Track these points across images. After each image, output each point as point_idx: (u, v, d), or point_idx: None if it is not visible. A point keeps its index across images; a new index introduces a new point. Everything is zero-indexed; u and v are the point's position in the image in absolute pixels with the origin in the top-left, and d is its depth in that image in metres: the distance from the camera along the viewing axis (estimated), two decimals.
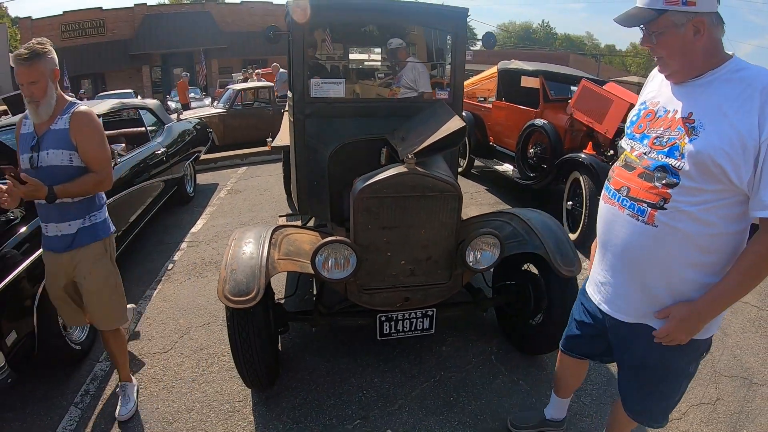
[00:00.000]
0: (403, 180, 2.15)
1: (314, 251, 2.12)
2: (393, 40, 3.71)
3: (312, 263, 2.14)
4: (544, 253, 2.42)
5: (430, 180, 2.18)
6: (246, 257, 2.17)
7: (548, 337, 2.64)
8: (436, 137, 2.23)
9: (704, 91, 1.28)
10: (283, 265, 2.22)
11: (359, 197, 2.16)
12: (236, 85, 10.29)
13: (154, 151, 4.73)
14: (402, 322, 2.47)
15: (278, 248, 2.29)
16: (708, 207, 1.26)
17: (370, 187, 2.14)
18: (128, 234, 3.96)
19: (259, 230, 2.39)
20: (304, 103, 2.95)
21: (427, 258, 2.37)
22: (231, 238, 2.36)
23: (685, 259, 1.33)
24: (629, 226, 1.39)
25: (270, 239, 2.28)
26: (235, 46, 23.33)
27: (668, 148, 1.30)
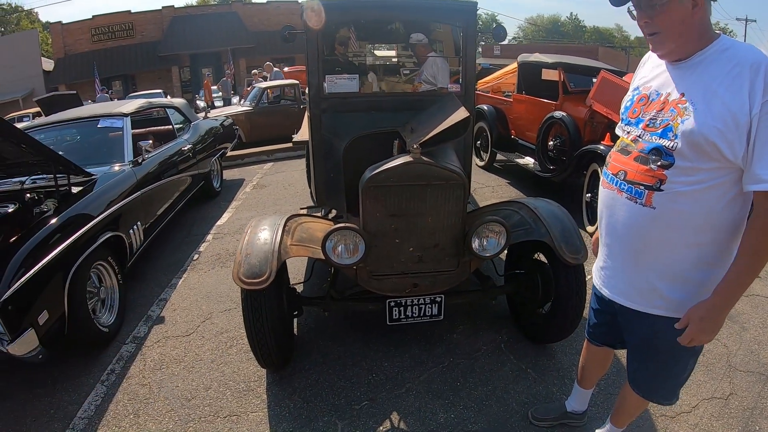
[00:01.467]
0: (409, 169, 2.26)
1: (324, 237, 2.26)
2: (414, 35, 3.83)
3: (322, 248, 2.28)
4: (549, 240, 2.48)
5: (435, 169, 2.28)
6: (260, 243, 2.33)
7: (557, 326, 2.72)
8: (441, 128, 2.33)
9: (694, 72, 1.31)
10: (295, 250, 2.37)
11: (367, 186, 2.29)
12: (262, 84, 10.58)
13: (181, 147, 5.00)
14: (411, 307, 2.58)
15: (291, 235, 2.44)
16: (704, 187, 1.29)
17: (376, 176, 2.27)
18: (156, 225, 4.21)
19: (274, 218, 2.55)
20: (319, 99, 3.10)
21: (435, 245, 2.47)
22: (247, 226, 2.53)
23: (683, 240, 1.36)
24: (628, 209, 1.43)
25: (284, 226, 2.44)
26: (262, 46, 23.80)
27: (661, 129, 1.34)
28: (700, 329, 1.35)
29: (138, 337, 3.18)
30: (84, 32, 23.54)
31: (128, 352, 3.01)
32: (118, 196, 3.58)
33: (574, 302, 2.61)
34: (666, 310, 1.46)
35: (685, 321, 1.38)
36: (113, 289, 3.31)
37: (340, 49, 3.97)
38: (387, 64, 4.91)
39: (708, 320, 1.34)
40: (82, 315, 2.81)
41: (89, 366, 2.88)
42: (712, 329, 1.35)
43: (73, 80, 21.34)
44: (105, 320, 3.14)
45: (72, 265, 2.78)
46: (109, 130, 4.40)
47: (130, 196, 3.71)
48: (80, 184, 3.44)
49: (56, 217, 2.86)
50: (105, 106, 5.17)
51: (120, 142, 4.20)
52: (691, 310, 1.37)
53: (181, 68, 24.76)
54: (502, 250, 2.48)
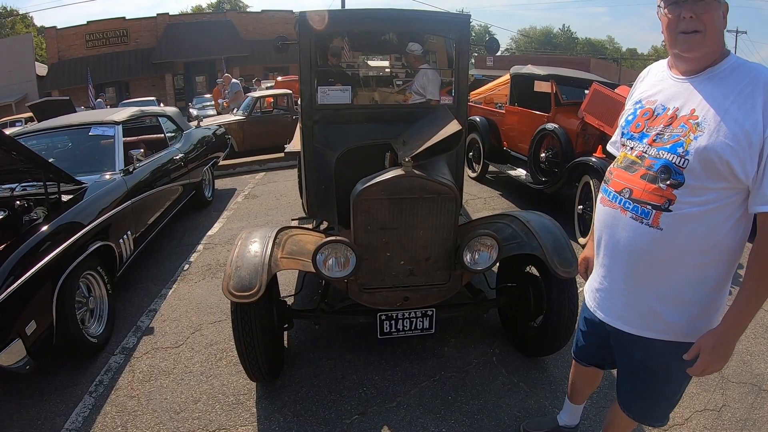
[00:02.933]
0: (400, 182, 2.27)
1: (315, 250, 2.26)
2: (411, 44, 3.87)
3: (313, 261, 2.27)
4: (541, 254, 2.49)
5: (426, 182, 2.29)
6: (250, 255, 2.32)
7: (549, 340, 2.72)
8: (433, 141, 2.35)
9: (705, 88, 1.28)
10: (286, 263, 2.36)
11: (358, 199, 2.29)
12: (255, 93, 10.60)
13: (173, 156, 4.98)
14: (402, 321, 2.57)
15: (282, 247, 2.44)
16: (712, 207, 1.26)
17: (368, 190, 2.27)
18: (147, 235, 4.18)
19: (265, 230, 2.54)
20: (312, 110, 3.12)
21: (426, 258, 2.47)
22: (238, 238, 2.52)
23: (687, 261, 1.33)
24: (632, 229, 1.37)
25: (274, 239, 2.43)
26: (256, 54, 23.89)
27: (670, 145, 1.29)
28: (713, 358, 1.31)
29: (127, 348, 3.14)
30: (78, 38, 23.52)
31: (117, 363, 2.98)
32: (109, 205, 3.55)
33: (566, 315, 2.61)
34: (665, 334, 1.42)
35: (695, 351, 1.33)
36: (102, 299, 3.28)
37: (333, 60, 3.99)
38: (380, 75, 4.94)
39: (720, 348, 1.30)
40: (70, 325, 2.77)
41: (77, 377, 2.84)
42: (723, 357, 1.31)
43: (67, 86, 21.26)
44: (94, 330, 3.10)
45: (61, 275, 2.75)
46: (100, 138, 4.38)
47: (120, 205, 3.69)
48: (70, 192, 3.41)
49: (46, 225, 2.83)
50: (96, 114, 5.16)
51: (111, 151, 4.18)
52: (702, 340, 1.32)
53: (174, 76, 24.78)
54: (494, 263, 2.49)
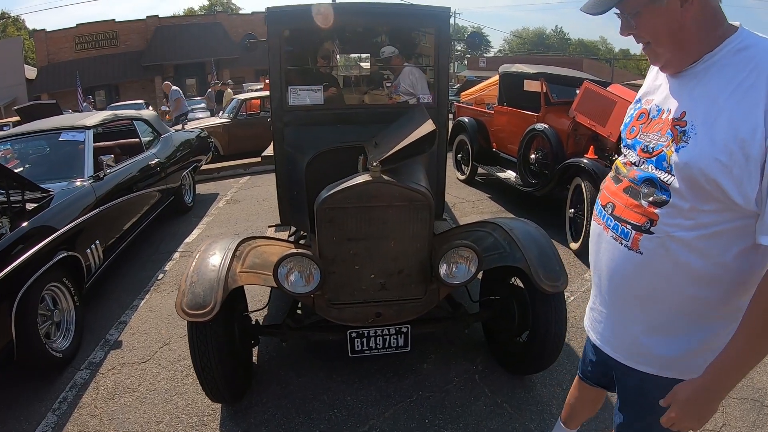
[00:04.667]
0: (367, 189, 2.10)
1: (276, 264, 2.08)
2: (385, 48, 3.70)
3: (274, 276, 2.10)
4: (524, 266, 2.33)
5: (396, 189, 2.12)
6: (207, 269, 2.15)
7: (534, 357, 2.55)
8: (404, 143, 2.18)
9: (699, 82, 1.03)
10: (245, 278, 2.19)
11: (322, 208, 2.12)
12: (241, 95, 10.43)
13: (148, 161, 4.81)
14: (374, 338, 2.39)
15: (242, 260, 2.26)
16: (706, 233, 1.01)
17: (332, 197, 2.10)
18: (119, 244, 4.00)
19: (226, 242, 2.37)
20: (282, 112, 2.95)
21: (399, 271, 2.30)
22: (197, 249, 2.35)
23: (678, 292, 1.09)
24: (612, 250, 1.18)
25: (234, 251, 2.26)
26: (246, 56, 23.63)
27: (655, 157, 1.07)
28: (685, 413, 1.05)
29: (93, 363, 2.99)
30: (68, 40, 23.32)
31: (82, 379, 2.83)
32: (76, 213, 3.38)
33: (553, 332, 2.44)
34: (653, 368, 1.20)
35: (669, 399, 1.10)
36: (69, 312, 3.11)
37: (323, 63, 3.83)
38: (359, 75, 4.78)
39: (694, 404, 1.04)
40: (32, 340, 2.64)
41: (41, 393, 2.71)
42: (699, 416, 1.05)
43: (56, 89, 21.07)
44: (59, 345, 2.95)
45: (21, 287, 2.60)
46: (70, 143, 4.20)
47: (88, 214, 3.51)
48: (35, 200, 3.24)
49: (6, 235, 2.68)
50: (68, 119, 4.97)
51: (80, 157, 4.00)
52: (677, 388, 1.08)
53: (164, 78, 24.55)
54: (474, 277, 2.32)
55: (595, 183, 4.05)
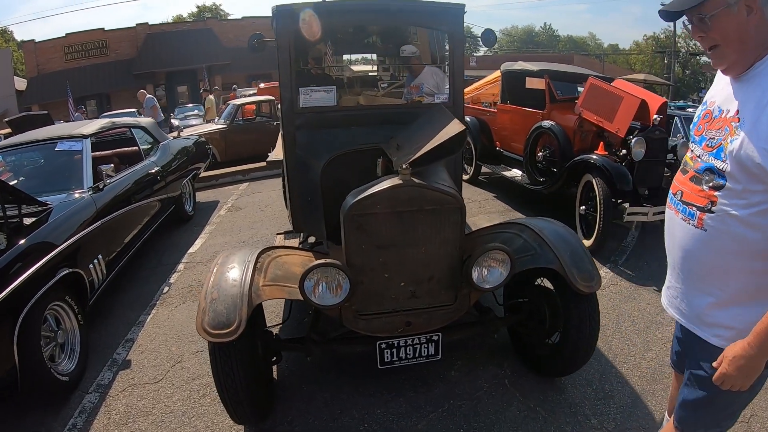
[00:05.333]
0: (397, 193, 1.95)
1: (302, 276, 1.93)
2: (406, 47, 3.56)
3: (300, 289, 1.95)
4: (558, 267, 2.22)
5: (427, 192, 1.98)
6: (227, 285, 1.98)
7: (567, 359, 2.45)
8: (434, 144, 2.04)
9: (751, 84, 1.20)
10: (269, 292, 2.03)
11: (350, 214, 1.97)
12: (237, 100, 10.21)
13: (148, 170, 4.61)
14: (405, 348, 2.26)
15: (264, 273, 2.10)
16: (758, 210, 1.18)
17: (360, 203, 1.95)
18: (121, 257, 3.81)
19: (245, 253, 2.20)
20: (293, 114, 2.80)
21: (429, 278, 2.16)
22: (213, 263, 2.17)
23: (739, 265, 1.25)
24: (682, 230, 1.36)
25: (255, 263, 2.09)
26: (238, 62, 23.42)
27: (715, 149, 1.26)
28: (733, 369, 1.21)
29: (102, 385, 2.80)
30: (57, 51, 22.84)
31: (91, 403, 2.65)
32: (76, 227, 3.19)
33: (587, 333, 2.35)
34: (722, 340, 1.31)
35: (720, 358, 1.26)
36: (73, 332, 2.92)
37: (313, 63, 3.67)
38: (368, 75, 4.62)
39: (740, 359, 1.20)
40: (36, 365, 2.45)
41: (49, 420, 2.53)
42: (746, 373, 1.20)
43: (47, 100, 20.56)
44: (65, 368, 2.76)
45: (22, 309, 2.41)
46: (67, 153, 3.99)
47: (89, 227, 3.32)
48: (33, 214, 3.04)
49: (4, 253, 2.50)
50: (64, 128, 4.75)
51: (79, 167, 3.80)
52: (729, 347, 1.24)
53: (156, 86, 24.16)
54: (506, 280, 2.19)
55: (607, 179, 3.94)
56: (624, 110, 4.12)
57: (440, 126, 2.22)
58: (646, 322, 3.33)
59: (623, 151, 4.26)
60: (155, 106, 10.01)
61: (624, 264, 4.13)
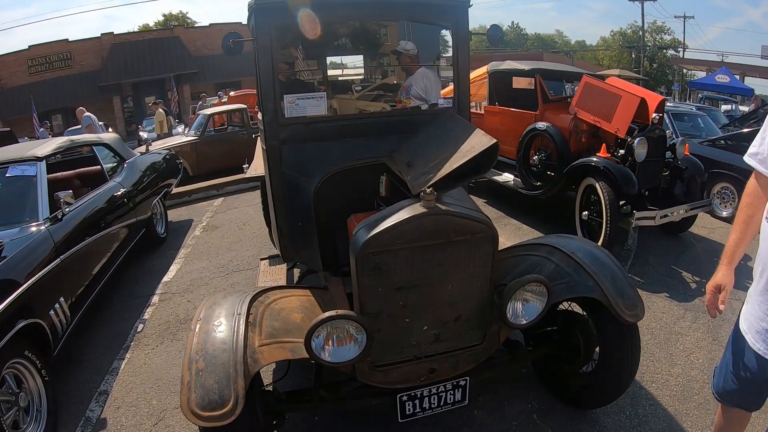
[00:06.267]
0: (423, 224, 1.58)
1: (308, 333, 1.53)
2: (403, 42, 3.19)
3: (307, 348, 1.55)
4: (600, 296, 1.91)
5: (457, 220, 1.62)
6: (216, 349, 1.55)
7: (604, 391, 2.16)
8: (459, 161, 1.66)
9: None
10: (268, 353, 1.61)
11: (364, 253, 1.58)
12: (207, 110, 9.60)
13: (113, 192, 4.06)
14: (428, 398, 1.89)
15: (259, 328, 1.68)
16: None
17: (377, 239, 1.57)
18: (87, 295, 3.28)
19: (232, 303, 1.77)
20: (277, 126, 2.38)
21: (456, 318, 1.81)
22: (195, 318, 1.74)
23: None
24: None
25: (247, 317, 1.67)
26: (206, 71, 22.55)
27: None
28: None
29: None
30: (20, 64, 21.44)
31: None
32: (32, 268, 2.66)
33: (628, 364, 2.06)
34: None
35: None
36: (38, 391, 2.44)
37: (283, 68, 3.24)
38: (339, 80, 4.20)
39: None
40: None
41: None
42: None
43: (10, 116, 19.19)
44: None
45: None
46: (19, 179, 3.43)
47: (47, 266, 2.80)
48: None
49: None
50: (16, 149, 4.15)
51: (33, 195, 3.24)
52: None
53: (123, 98, 23.03)
54: (542, 314, 1.85)
55: (612, 182, 3.67)
56: (623, 109, 3.86)
57: (459, 138, 1.85)
58: (665, 333, 3.08)
59: (620, 151, 4.01)
60: (91, 124, 9.16)
61: (630, 270, 3.86)
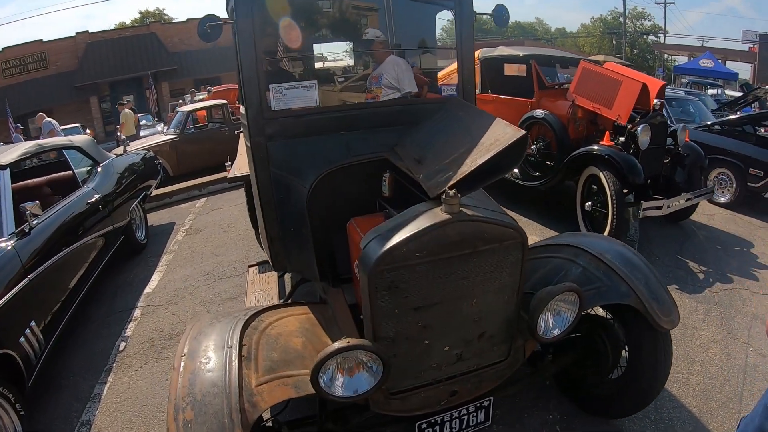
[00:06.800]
0: (446, 233, 1.33)
1: (315, 368, 1.27)
2: (371, 30, 2.91)
3: (314, 384, 1.29)
4: (636, 303, 1.73)
5: (485, 227, 1.38)
6: (206, 394, 1.28)
7: (633, 398, 1.98)
8: (484, 156, 1.41)
9: None
10: (269, 394, 1.35)
11: (377, 270, 1.33)
12: (186, 107, 9.14)
13: (87, 200, 3.69)
14: (449, 423, 1.67)
15: (255, 362, 1.41)
16: None
17: (393, 253, 1.31)
18: (61, 315, 2.93)
19: (221, 331, 1.50)
20: (263, 120, 2.09)
21: (480, 335, 1.58)
22: (178, 353, 1.46)
23: None
24: None
25: (239, 349, 1.40)
26: (185, 67, 21.78)
27: None
28: None
29: None
30: None
31: None
32: None
33: (661, 370, 1.89)
34: None
35: None
36: (14, 429, 2.15)
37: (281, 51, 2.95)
38: (350, 67, 3.90)
39: None
40: None
41: None
42: None
43: None
44: None
45: None
46: None
47: (14, 288, 2.46)
48: None
49: None
50: None
51: None
52: None
53: (101, 98, 22.15)
54: (573, 325, 1.64)
55: (617, 172, 3.47)
56: (624, 95, 3.66)
57: (476, 129, 1.61)
58: (680, 328, 2.91)
59: (620, 138, 3.82)
60: (53, 130, 8.60)
61: None
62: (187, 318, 3.35)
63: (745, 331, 2.85)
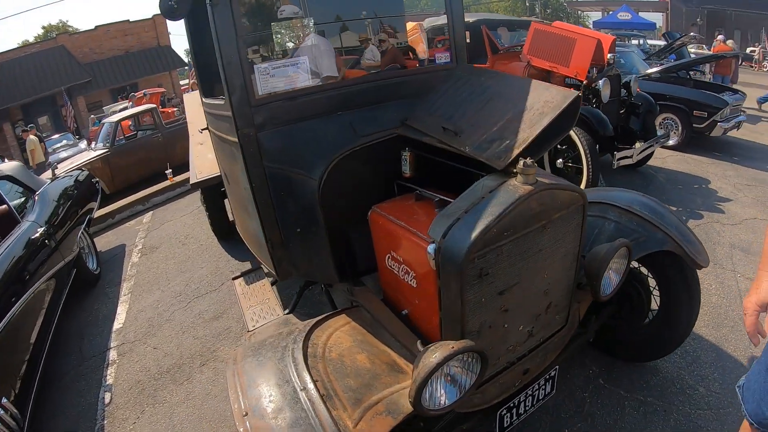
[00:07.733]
0: (529, 206, 1.20)
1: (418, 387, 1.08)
2: (287, 7, 2.65)
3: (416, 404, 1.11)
4: (675, 247, 1.73)
5: (558, 194, 1.27)
6: None
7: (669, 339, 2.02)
8: (544, 120, 1.28)
9: None
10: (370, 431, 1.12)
11: (468, 260, 1.15)
12: (112, 118, 8.21)
13: (30, 236, 3.12)
14: (524, 402, 1.58)
15: (338, 398, 1.18)
16: None
17: (483, 238, 1.15)
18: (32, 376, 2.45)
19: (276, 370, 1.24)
20: (249, 109, 1.80)
21: (547, 307, 1.47)
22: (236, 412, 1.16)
23: None
24: None
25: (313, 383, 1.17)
26: (99, 77, 19.64)
27: None
28: None
29: None
30: None
31: None
32: None
33: (694, 309, 1.93)
34: None
35: None
36: None
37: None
38: None
39: None
40: None
41: None
42: None
43: None
44: None
45: None
46: None
47: None
48: None
49: None
50: None
51: None
52: None
53: (14, 124, 19.42)
54: (624, 280, 1.64)
55: (588, 127, 3.51)
56: (580, 52, 3.70)
57: (514, 94, 1.47)
58: None
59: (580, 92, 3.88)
60: None
61: None
62: (172, 350, 2.90)
63: (728, 260, 3.03)
